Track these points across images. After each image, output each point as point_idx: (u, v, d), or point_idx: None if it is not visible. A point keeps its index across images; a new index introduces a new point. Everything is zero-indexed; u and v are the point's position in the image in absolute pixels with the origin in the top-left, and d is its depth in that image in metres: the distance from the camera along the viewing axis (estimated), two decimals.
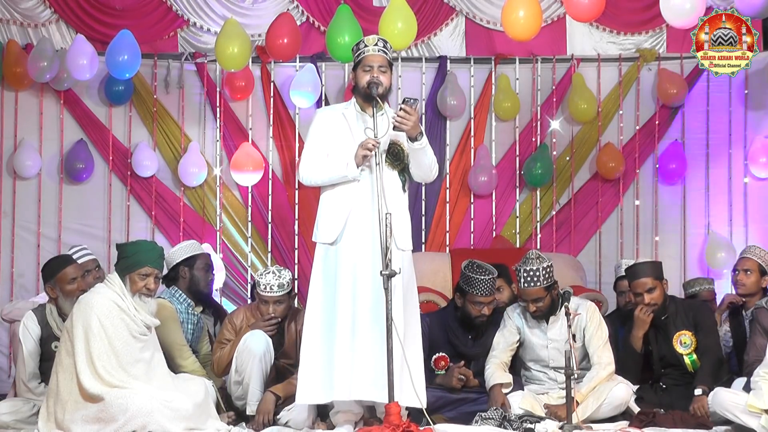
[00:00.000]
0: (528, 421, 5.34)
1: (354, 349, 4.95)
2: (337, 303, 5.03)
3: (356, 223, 5.05)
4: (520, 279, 5.65)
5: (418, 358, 5.13)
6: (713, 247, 8.00)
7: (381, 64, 5.11)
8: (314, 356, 5.04)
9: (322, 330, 5.06)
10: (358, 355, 4.94)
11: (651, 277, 5.76)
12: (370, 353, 4.91)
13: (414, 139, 5.01)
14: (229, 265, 8.10)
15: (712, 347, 5.77)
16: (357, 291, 4.99)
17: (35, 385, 5.52)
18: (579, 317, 5.69)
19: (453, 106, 8.16)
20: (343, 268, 5.05)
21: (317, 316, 5.10)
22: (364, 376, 4.92)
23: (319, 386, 5.02)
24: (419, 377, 5.06)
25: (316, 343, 5.06)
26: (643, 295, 5.75)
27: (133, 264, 5.14)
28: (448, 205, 8.25)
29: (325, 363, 5.01)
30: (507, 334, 5.81)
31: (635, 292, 5.81)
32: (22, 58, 7.79)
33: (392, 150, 5.13)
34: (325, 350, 5.02)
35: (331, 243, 5.09)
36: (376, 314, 4.88)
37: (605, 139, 8.22)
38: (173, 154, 8.13)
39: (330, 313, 5.05)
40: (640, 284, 5.77)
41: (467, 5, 8.35)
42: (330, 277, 5.09)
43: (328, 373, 4.99)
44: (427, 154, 5.11)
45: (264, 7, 8.30)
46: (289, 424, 5.39)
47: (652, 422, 5.37)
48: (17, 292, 7.90)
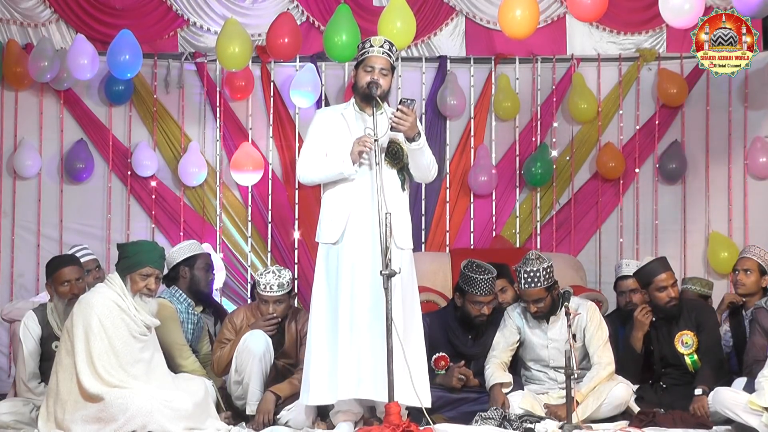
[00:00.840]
0: (528, 421, 5.34)
1: (355, 348, 4.95)
2: (338, 303, 5.03)
3: (357, 222, 5.05)
4: (520, 280, 5.65)
5: (421, 358, 5.13)
6: (715, 247, 8.01)
7: (383, 67, 5.11)
8: (319, 357, 5.05)
9: (325, 330, 5.07)
10: (358, 355, 4.94)
11: (669, 271, 5.78)
12: (371, 353, 4.91)
13: (412, 140, 5.01)
14: (229, 265, 8.09)
15: (714, 348, 5.78)
16: (357, 290, 5.00)
17: (35, 384, 5.52)
18: (579, 317, 5.69)
19: (453, 106, 8.16)
20: (343, 267, 5.05)
21: (321, 317, 5.11)
22: (365, 375, 4.93)
23: (325, 387, 5.03)
24: (423, 377, 5.06)
25: (321, 343, 5.07)
26: (668, 288, 5.74)
27: (134, 264, 5.15)
28: (448, 204, 8.25)
29: (329, 363, 5.02)
30: (507, 334, 5.81)
31: (661, 286, 5.76)
32: (22, 58, 7.79)
33: (391, 149, 5.12)
34: (329, 350, 5.03)
35: (333, 243, 5.10)
36: (376, 313, 4.89)
37: (605, 139, 8.22)
38: (173, 154, 8.13)
39: (332, 314, 5.06)
40: (663, 279, 5.76)
41: (467, 5, 8.35)
42: (332, 277, 5.10)
43: (332, 373, 5.00)
44: (425, 155, 5.11)
45: (264, 6, 8.29)
46: (289, 423, 5.40)
47: (652, 422, 5.38)
48: (17, 292, 7.89)
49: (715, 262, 8.01)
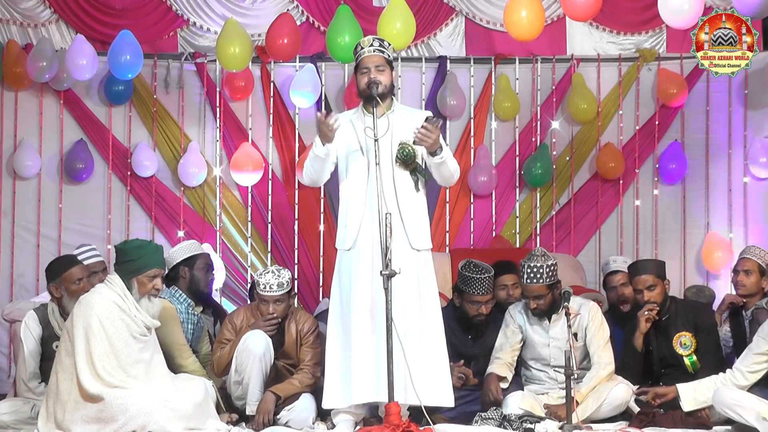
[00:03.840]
0: (528, 421, 5.34)
1: (373, 352, 4.97)
2: (351, 307, 5.07)
3: (369, 227, 5.07)
4: (523, 274, 5.66)
5: (443, 358, 5.16)
6: (711, 246, 8.01)
7: (378, 64, 5.12)
8: (335, 361, 5.09)
9: (341, 334, 5.12)
10: (377, 359, 4.95)
11: (653, 275, 5.75)
12: (384, 355, 4.92)
13: (434, 154, 5.03)
14: (229, 265, 8.09)
15: (713, 348, 5.77)
16: (373, 295, 5.01)
17: (36, 384, 5.52)
18: (580, 316, 5.69)
19: (453, 106, 8.16)
20: (356, 272, 5.09)
21: (337, 322, 5.16)
22: (382, 378, 4.92)
23: (340, 390, 5.07)
24: (445, 377, 5.11)
25: (336, 348, 5.11)
26: (643, 292, 5.74)
27: (141, 267, 5.13)
28: (447, 205, 8.25)
29: (343, 368, 5.05)
30: (509, 333, 5.82)
31: (635, 288, 5.80)
32: (22, 58, 7.79)
33: (402, 151, 5.13)
34: (344, 354, 5.07)
35: (347, 249, 5.13)
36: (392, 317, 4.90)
37: (605, 139, 8.22)
38: (173, 154, 8.13)
39: (346, 317, 5.10)
40: (641, 281, 5.76)
41: (467, 5, 8.35)
42: (345, 282, 5.15)
43: (346, 377, 5.04)
44: (448, 166, 5.15)
45: (264, 7, 8.29)
46: (289, 424, 5.40)
47: (652, 422, 5.38)
48: (17, 292, 7.89)
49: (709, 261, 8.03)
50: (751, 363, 5.28)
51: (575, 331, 5.67)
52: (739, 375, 5.30)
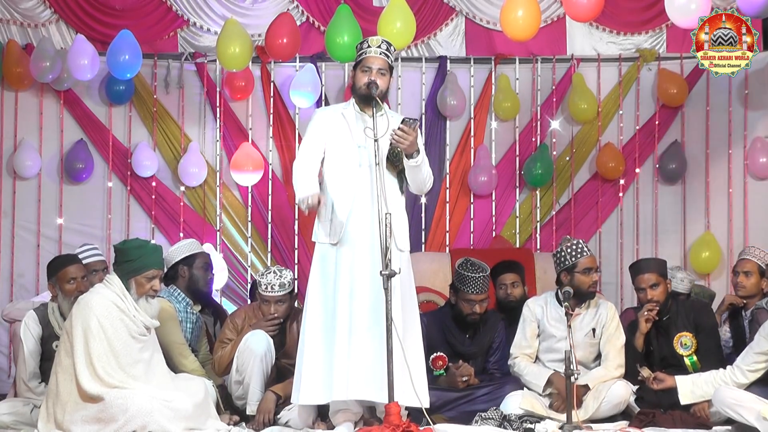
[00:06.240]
0: (528, 421, 5.34)
1: (353, 349, 4.95)
2: (336, 303, 5.03)
3: (356, 223, 5.06)
4: (568, 254, 5.66)
5: (420, 359, 5.14)
6: (699, 247, 8.04)
7: (381, 67, 5.11)
8: (314, 357, 5.04)
9: (321, 330, 5.06)
10: (356, 356, 4.94)
11: (656, 273, 5.75)
12: (369, 353, 4.91)
13: (410, 157, 5.02)
14: (229, 265, 8.09)
15: (713, 349, 5.77)
16: (356, 291, 5.00)
17: (36, 384, 5.52)
18: (600, 314, 5.72)
19: (453, 106, 8.16)
20: (342, 268, 5.05)
21: (316, 317, 5.10)
22: (363, 376, 4.92)
23: (319, 387, 5.02)
24: (421, 377, 5.06)
25: (316, 343, 5.06)
26: (646, 290, 5.74)
27: (139, 267, 5.12)
28: (447, 205, 8.25)
29: (325, 363, 5.01)
30: (526, 326, 5.82)
31: (638, 287, 5.79)
32: (23, 58, 7.79)
33: (392, 152, 5.12)
34: (325, 351, 5.02)
35: (333, 244, 5.10)
36: (375, 314, 4.89)
37: (605, 139, 8.22)
38: (173, 154, 8.13)
39: (329, 314, 5.06)
40: (645, 279, 5.75)
41: (467, 5, 8.35)
42: (329, 278, 5.10)
43: (327, 373, 4.99)
44: (422, 171, 5.11)
45: (264, 7, 8.30)
46: (289, 423, 5.40)
47: (652, 422, 5.38)
48: (17, 292, 7.89)
49: (696, 262, 8.03)
50: (751, 362, 5.28)
51: (594, 327, 5.68)
52: (739, 373, 5.30)
